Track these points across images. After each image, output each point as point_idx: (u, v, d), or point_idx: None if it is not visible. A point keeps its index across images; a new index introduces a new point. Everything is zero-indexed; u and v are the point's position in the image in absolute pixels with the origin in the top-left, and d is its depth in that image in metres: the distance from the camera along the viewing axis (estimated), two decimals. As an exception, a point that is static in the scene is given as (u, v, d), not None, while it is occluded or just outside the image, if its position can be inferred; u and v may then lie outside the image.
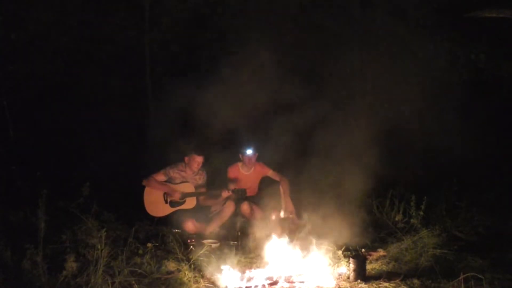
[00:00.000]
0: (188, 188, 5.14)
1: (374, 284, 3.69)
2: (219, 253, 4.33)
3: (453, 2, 7.09)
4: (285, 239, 4.23)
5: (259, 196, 5.50)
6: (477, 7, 6.35)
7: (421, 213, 4.84)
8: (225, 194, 5.07)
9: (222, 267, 3.85)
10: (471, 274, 3.56)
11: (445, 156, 7.15)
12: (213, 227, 5.05)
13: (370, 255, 4.36)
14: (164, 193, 5.10)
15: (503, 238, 4.79)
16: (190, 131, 6.72)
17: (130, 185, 5.33)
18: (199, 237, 4.81)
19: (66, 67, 7.56)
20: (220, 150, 5.99)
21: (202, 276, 3.80)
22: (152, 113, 8.13)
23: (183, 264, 3.90)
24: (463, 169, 6.66)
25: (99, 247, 3.53)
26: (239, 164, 5.49)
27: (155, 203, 5.08)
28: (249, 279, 3.74)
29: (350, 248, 4.47)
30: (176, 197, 5.05)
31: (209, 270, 3.86)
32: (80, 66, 7.62)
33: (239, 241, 4.72)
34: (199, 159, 5.15)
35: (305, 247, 4.16)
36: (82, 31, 7.54)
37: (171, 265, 3.93)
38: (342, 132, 6.45)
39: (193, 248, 4.41)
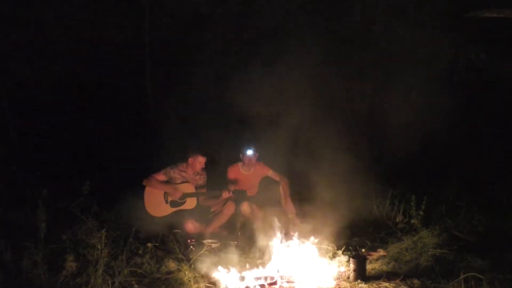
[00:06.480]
0: (189, 188, 5.14)
1: (374, 284, 3.68)
2: (219, 253, 4.33)
3: (453, 2, 7.09)
4: (285, 239, 4.24)
5: (259, 196, 5.50)
6: (477, 7, 6.35)
7: (421, 213, 4.84)
8: (225, 195, 5.07)
9: (222, 267, 3.85)
10: (471, 274, 3.56)
11: (445, 156, 7.15)
12: (213, 227, 5.06)
13: (370, 255, 4.36)
14: (165, 193, 5.09)
15: (503, 238, 4.78)
16: (192, 131, 6.73)
17: (130, 185, 5.33)
18: (199, 237, 4.81)
19: (66, 67, 7.57)
20: (221, 151, 6.00)
21: (202, 276, 3.80)
22: (152, 113, 8.14)
23: (183, 264, 3.91)
24: (463, 169, 6.66)
25: (99, 247, 3.54)
26: (239, 164, 5.49)
27: (156, 203, 5.08)
28: (249, 279, 3.74)
29: (350, 248, 4.47)
30: (177, 197, 5.05)
31: (209, 270, 3.86)
32: (80, 66, 7.62)
33: (239, 241, 4.72)
34: (202, 160, 5.16)
35: (304, 247, 4.16)
36: (82, 31, 7.54)
37: (171, 265, 3.93)
38: (342, 132, 6.46)
39: (193, 248, 4.41)
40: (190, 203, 5.13)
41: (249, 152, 5.32)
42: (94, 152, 7.06)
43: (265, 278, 3.77)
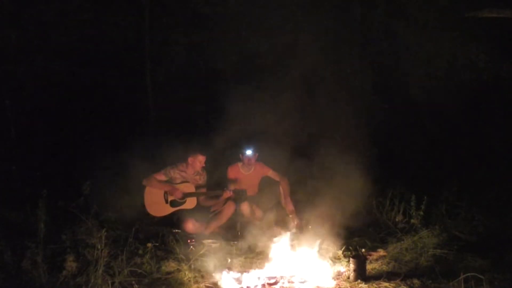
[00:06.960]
0: (189, 188, 5.14)
1: (374, 284, 3.68)
2: (219, 253, 4.33)
3: (453, 2, 7.09)
4: (285, 239, 4.24)
5: (259, 196, 5.50)
6: (477, 7, 6.35)
7: (421, 213, 4.84)
8: (226, 194, 5.07)
9: (222, 267, 3.85)
10: (471, 274, 3.56)
11: (445, 156, 7.15)
12: (213, 227, 5.06)
13: (370, 255, 4.36)
14: (165, 193, 5.10)
15: (503, 238, 4.78)
16: (191, 131, 6.72)
17: (130, 185, 5.33)
18: (199, 237, 4.81)
19: (67, 67, 7.57)
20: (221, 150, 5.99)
21: (202, 276, 3.80)
22: (152, 113, 8.14)
23: (183, 264, 3.91)
24: (463, 169, 6.66)
25: (99, 247, 3.54)
26: (239, 164, 5.49)
27: (156, 203, 5.08)
28: (249, 279, 3.74)
29: (350, 248, 4.47)
30: (177, 196, 5.05)
31: (209, 270, 3.86)
32: (80, 66, 7.62)
33: (239, 241, 4.72)
34: (202, 159, 5.16)
35: (304, 247, 4.17)
36: (82, 31, 7.54)
37: (171, 265, 3.94)
38: (342, 132, 6.47)
39: (193, 248, 4.41)
40: (190, 203, 5.13)
41: (249, 152, 5.32)
42: (94, 152, 7.05)
43: (266, 278, 3.77)
